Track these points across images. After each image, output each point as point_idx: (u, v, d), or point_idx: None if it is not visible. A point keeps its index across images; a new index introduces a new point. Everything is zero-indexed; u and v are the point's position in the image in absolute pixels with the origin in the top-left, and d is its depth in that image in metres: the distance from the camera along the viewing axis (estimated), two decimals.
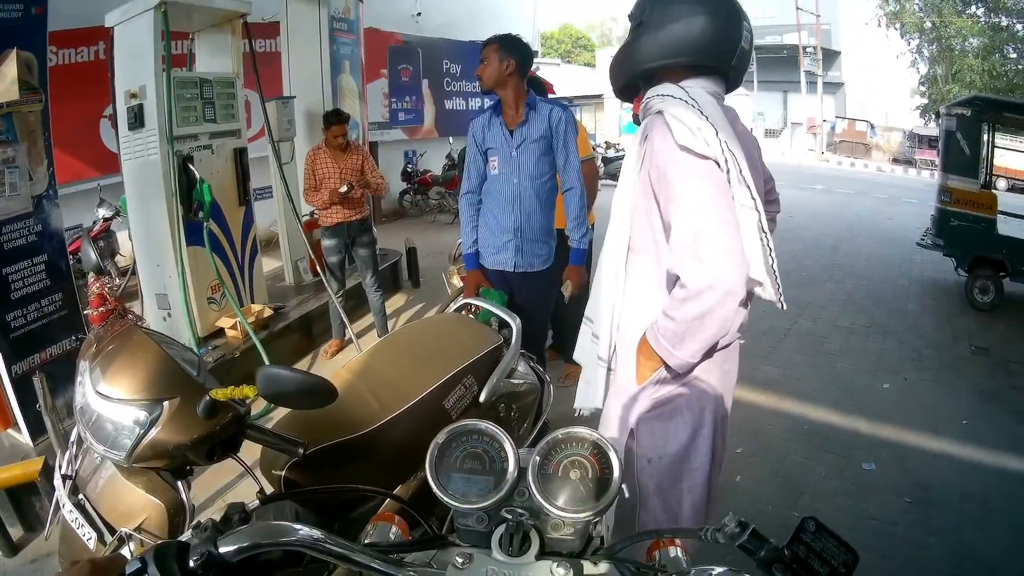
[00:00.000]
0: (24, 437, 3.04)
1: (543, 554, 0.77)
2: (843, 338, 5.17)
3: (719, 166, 1.38)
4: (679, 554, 0.80)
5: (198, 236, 3.96)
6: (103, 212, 5.37)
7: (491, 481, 0.81)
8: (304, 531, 0.74)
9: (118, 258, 5.42)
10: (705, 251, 1.33)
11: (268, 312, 4.57)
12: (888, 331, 5.33)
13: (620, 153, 12.46)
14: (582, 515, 0.75)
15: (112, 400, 1.41)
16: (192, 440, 1.37)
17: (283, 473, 1.62)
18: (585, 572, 0.76)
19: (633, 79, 1.63)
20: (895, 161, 21.28)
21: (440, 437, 0.85)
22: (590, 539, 0.83)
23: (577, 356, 1.88)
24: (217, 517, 0.82)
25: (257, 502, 0.89)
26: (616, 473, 0.77)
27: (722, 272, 1.32)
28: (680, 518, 1.60)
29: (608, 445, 0.79)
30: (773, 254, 1.43)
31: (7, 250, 2.93)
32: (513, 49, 2.72)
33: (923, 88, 22.58)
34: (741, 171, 1.38)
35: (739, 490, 2.94)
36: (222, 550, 0.71)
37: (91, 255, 2.07)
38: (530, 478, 0.78)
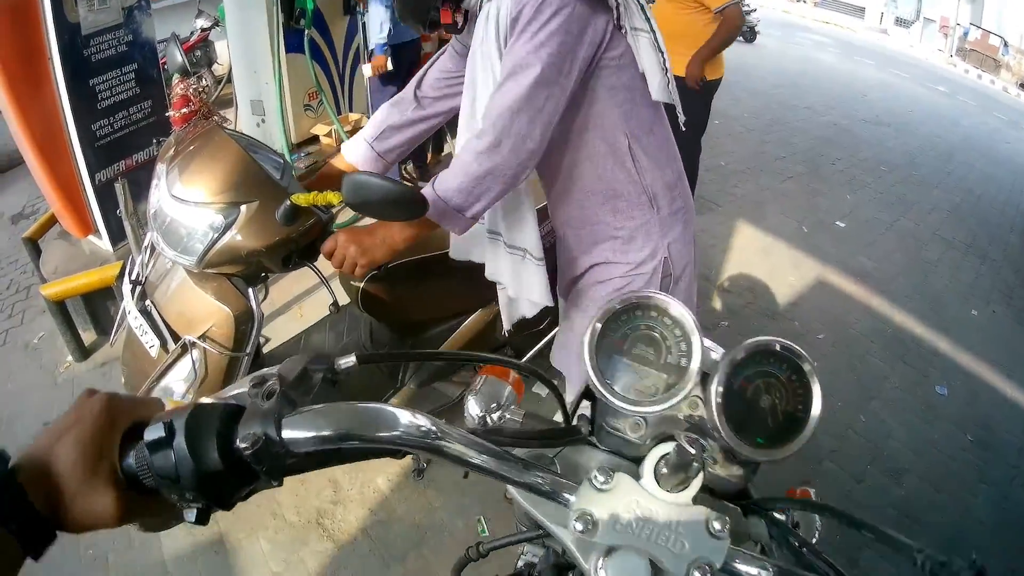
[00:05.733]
0: (104, 243, 3.05)
1: (700, 493, 0.55)
2: (942, 250, 4.87)
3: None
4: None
5: (298, 43, 3.77)
6: (201, 22, 5.26)
7: (660, 380, 0.60)
8: (407, 419, 0.52)
9: (215, 67, 5.39)
10: None
11: (365, 121, 4.38)
12: (986, 256, 4.96)
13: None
14: (770, 456, 0.57)
15: (187, 203, 1.35)
16: (267, 246, 1.34)
17: (362, 284, 1.62)
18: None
19: None
20: (1022, 86, 18.91)
21: (616, 303, 0.61)
22: None
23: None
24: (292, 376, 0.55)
25: (353, 358, 0.64)
26: (815, 411, 0.57)
27: None
28: None
29: (814, 374, 0.58)
30: (670, 74, 1.32)
31: (95, 62, 2.80)
32: None
33: None
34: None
35: None
36: (287, 435, 0.49)
37: (177, 56, 1.94)
38: (713, 391, 0.57)
